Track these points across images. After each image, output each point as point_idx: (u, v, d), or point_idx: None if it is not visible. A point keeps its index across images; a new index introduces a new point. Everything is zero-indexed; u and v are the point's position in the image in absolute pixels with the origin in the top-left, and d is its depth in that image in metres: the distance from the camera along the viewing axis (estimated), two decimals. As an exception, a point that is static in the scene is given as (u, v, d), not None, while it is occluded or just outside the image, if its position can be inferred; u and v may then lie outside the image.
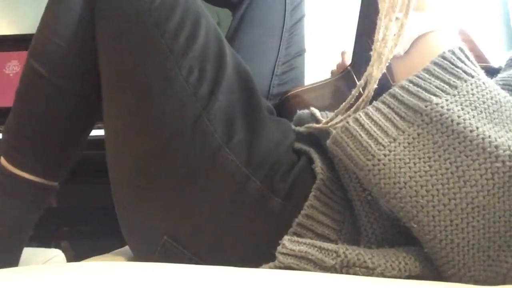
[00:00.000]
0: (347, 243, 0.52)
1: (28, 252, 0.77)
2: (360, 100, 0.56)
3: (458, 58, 0.51)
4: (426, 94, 0.48)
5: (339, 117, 0.60)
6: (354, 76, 0.89)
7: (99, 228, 1.50)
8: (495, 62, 0.75)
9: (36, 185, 0.72)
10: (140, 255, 0.67)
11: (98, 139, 0.74)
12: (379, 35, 0.53)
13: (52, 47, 0.69)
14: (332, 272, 0.47)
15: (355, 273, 0.47)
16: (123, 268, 0.45)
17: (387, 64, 0.54)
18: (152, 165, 0.61)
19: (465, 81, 0.49)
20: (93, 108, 0.72)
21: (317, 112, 0.69)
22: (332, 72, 1.04)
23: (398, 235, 0.54)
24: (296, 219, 0.56)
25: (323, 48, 1.36)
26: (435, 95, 0.48)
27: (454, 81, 0.49)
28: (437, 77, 0.49)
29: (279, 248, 0.51)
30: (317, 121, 0.67)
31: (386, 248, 0.51)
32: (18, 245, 0.75)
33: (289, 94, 0.90)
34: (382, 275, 0.46)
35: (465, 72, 0.50)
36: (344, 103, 0.59)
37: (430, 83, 0.49)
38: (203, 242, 0.60)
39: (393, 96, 0.50)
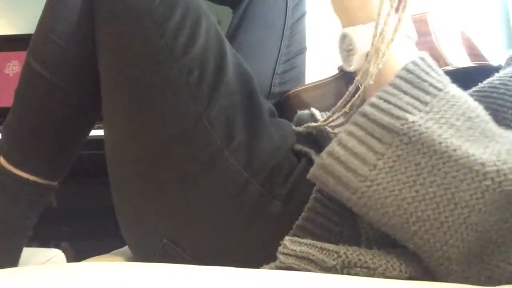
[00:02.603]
0: (347, 245, 0.52)
1: (28, 252, 0.77)
2: (356, 96, 0.55)
3: (422, 70, 0.49)
4: (399, 111, 0.46)
5: (336, 115, 0.60)
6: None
7: (99, 228, 1.50)
8: (495, 61, 0.75)
9: (35, 185, 0.72)
10: (140, 256, 0.67)
11: (98, 139, 0.74)
12: (377, 30, 0.53)
13: (51, 47, 0.69)
14: (333, 273, 0.47)
15: (356, 274, 0.46)
16: (123, 268, 0.45)
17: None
18: (151, 167, 0.61)
19: (435, 96, 0.47)
20: (93, 108, 0.72)
21: (316, 112, 0.69)
22: (339, 68, 1.03)
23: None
24: (297, 222, 0.56)
25: (324, 46, 1.36)
26: (408, 112, 0.46)
27: (423, 96, 0.47)
28: (406, 92, 0.48)
29: (280, 248, 0.51)
30: (316, 121, 0.67)
31: (387, 249, 0.51)
32: (18, 245, 0.75)
33: (289, 93, 0.90)
34: (383, 275, 0.46)
35: (431, 85, 0.48)
36: (341, 101, 0.59)
37: (400, 98, 0.47)
38: (202, 245, 0.60)
39: (365, 115, 0.48)
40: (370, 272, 0.46)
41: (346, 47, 0.56)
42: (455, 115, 0.46)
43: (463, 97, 0.49)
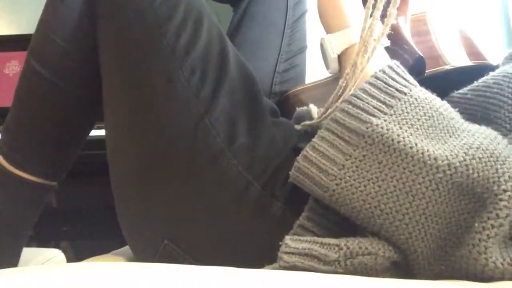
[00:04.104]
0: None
1: (28, 252, 0.77)
2: (347, 90, 0.56)
3: (390, 77, 0.54)
4: (366, 115, 0.51)
5: (329, 111, 0.60)
6: None
7: (99, 228, 1.50)
8: (494, 60, 0.75)
9: (35, 185, 0.72)
10: (141, 257, 0.66)
11: (98, 139, 0.74)
12: (366, 23, 0.54)
13: (52, 46, 0.69)
14: (336, 266, 0.47)
15: (360, 263, 0.47)
16: (123, 268, 0.45)
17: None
18: (152, 167, 0.61)
19: (399, 100, 0.52)
20: (93, 108, 0.72)
21: (313, 109, 0.69)
22: None
23: None
24: (297, 221, 0.56)
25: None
26: (374, 115, 0.51)
27: (389, 100, 0.52)
28: (373, 97, 0.52)
29: (283, 248, 0.51)
30: (312, 118, 0.67)
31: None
32: (17, 245, 0.75)
33: (289, 93, 0.90)
34: (383, 257, 0.48)
35: (397, 90, 0.53)
36: (332, 96, 0.60)
37: (368, 103, 0.52)
38: (203, 246, 0.60)
39: (336, 121, 0.53)
40: (372, 257, 0.48)
41: (322, 52, 0.64)
42: (417, 115, 0.51)
43: (428, 99, 0.53)
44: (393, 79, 0.54)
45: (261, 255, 0.53)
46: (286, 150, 0.64)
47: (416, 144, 0.48)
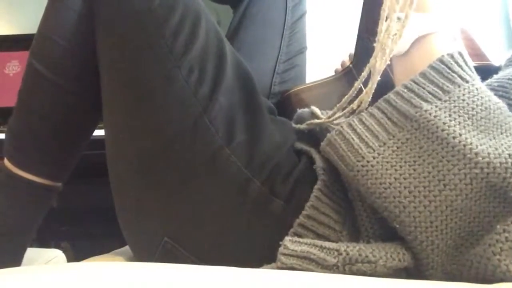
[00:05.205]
0: (347, 242, 0.52)
1: (28, 253, 0.77)
2: (364, 92, 0.56)
3: (456, 63, 0.52)
4: (418, 100, 0.51)
5: (340, 112, 0.60)
6: (356, 75, 0.89)
7: (99, 228, 1.50)
8: (495, 61, 0.75)
9: (40, 186, 0.72)
10: (141, 255, 0.66)
11: (98, 139, 0.74)
12: (382, 25, 0.53)
13: (53, 47, 0.69)
14: (334, 271, 0.47)
15: (358, 269, 0.47)
16: (123, 268, 0.44)
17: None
18: (152, 166, 0.61)
19: (459, 86, 0.51)
20: (96, 108, 0.72)
21: (317, 110, 0.69)
22: (336, 71, 1.03)
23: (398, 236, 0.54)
24: (297, 220, 0.56)
25: (324, 46, 1.36)
26: (426, 101, 0.50)
27: (447, 86, 0.51)
28: (432, 82, 0.51)
29: (281, 249, 0.51)
30: (318, 118, 0.67)
31: (384, 242, 0.51)
32: (21, 246, 0.75)
33: (290, 92, 0.90)
34: (384, 267, 0.47)
35: (460, 76, 0.51)
36: (346, 97, 0.59)
37: (424, 88, 0.51)
38: (203, 244, 0.60)
39: (388, 101, 0.53)
40: (371, 265, 0.47)
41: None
42: (472, 104, 0.50)
43: (488, 92, 0.52)
44: (459, 66, 0.53)
45: (261, 252, 0.53)
46: (285, 147, 0.64)
47: (460, 135, 0.47)
